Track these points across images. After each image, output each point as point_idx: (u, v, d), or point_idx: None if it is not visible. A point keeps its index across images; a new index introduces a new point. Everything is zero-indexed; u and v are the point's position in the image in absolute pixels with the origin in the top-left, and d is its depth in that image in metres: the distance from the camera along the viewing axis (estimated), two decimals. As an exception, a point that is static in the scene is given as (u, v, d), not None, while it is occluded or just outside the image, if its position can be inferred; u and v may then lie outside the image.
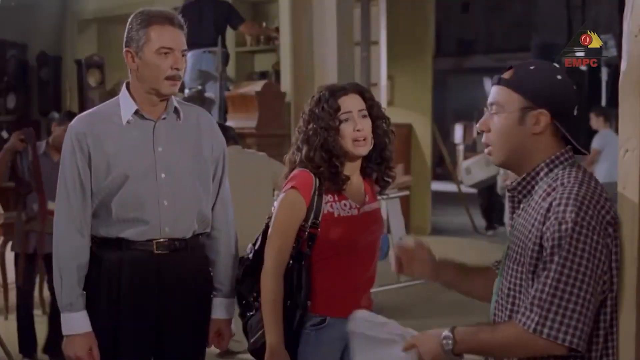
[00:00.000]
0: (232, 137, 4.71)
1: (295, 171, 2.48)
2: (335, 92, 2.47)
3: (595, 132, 8.39)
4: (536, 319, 1.71)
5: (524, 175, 1.86)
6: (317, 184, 2.45)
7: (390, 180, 2.60)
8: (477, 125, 1.94)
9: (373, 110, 2.51)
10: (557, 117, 1.84)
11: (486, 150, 1.94)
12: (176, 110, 2.56)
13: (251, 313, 2.56)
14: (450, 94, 19.26)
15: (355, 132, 2.44)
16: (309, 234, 2.43)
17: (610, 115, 8.12)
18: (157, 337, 2.54)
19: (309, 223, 2.43)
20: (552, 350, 1.72)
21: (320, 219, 2.43)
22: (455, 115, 17.25)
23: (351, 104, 2.46)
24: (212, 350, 2.74)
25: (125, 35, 2.49)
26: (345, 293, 2.48)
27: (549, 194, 1.77)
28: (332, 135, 2.43)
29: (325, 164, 2.44)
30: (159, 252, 2.50)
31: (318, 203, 2.43)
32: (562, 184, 1.77)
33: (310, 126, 2.46)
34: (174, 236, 2.52)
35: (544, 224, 1.75)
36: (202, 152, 2.58)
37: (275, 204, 2.50)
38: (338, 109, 2.44)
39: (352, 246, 2.48)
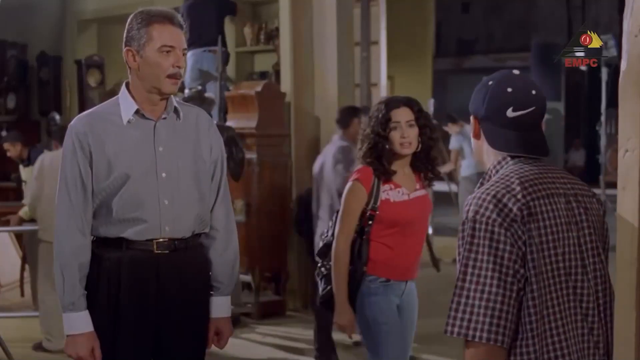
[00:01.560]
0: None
1: (360, 166, 3.17)
2: (389, 105, 3.13)
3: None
4: (450, 321, 1.70)
5: (481, 179, 1.90)
6: (376, 176, 3.10)
7: (434, 175, 3.24)
8: None
9: (420, 120, 3.13)
10: (480, 120, 1.89)
11: None
12: (176, 110, 2.56)
13: (326, 272, 3.20)
14: (450, 94, 19.27)
15: (402, 139, 3.08)
16: (369, 215, 3.09)
17: (457, 119, 9.08)
18: (156, 337, 2.53)
19: (370, 207, 3.09)
20: (480, 351, 1.68)
21: (378, 203, 3.08)
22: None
23: (400, 115, 3.10)
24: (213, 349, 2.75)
25: (125, 35, 2.49)
26: (402, 260, 3.14)
27: None
28: (381, 141, 3.09)
29: (375, 161, 3.11)
30: (159, 251, 2.50)
31: (377, 191, 3.10)
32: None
33: (367, 130, 3.14)
34: (174, 236, 2.52)
35: None
36: (201, 152, 2.58)
37: (344, 193, 3.18)
38: (389, 119, 3.09)
39: (405, 223, 3.14)
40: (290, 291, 6.43)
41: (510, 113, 1.83)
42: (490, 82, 1.87)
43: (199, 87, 6.33)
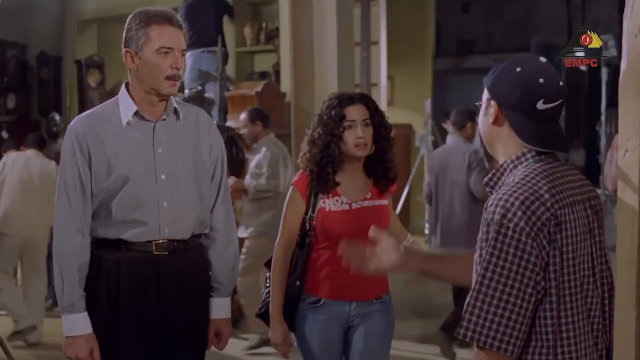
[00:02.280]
0: (34, 141, 5.80)
1: (299, 171, 2.85)
2: (342, 102, 2.78)
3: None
4: (464, 324, 1.68)
5: (494, 171, 1.85)
6: (312, 183, 2.79)
7: (388, 180, 2.86)
8: None
9: (375, 119, 2.80)
10: (505, 109, 1.80)
11: None
12: (176, 111, 2.56)
13: (268, 285, 2.91)
14: (450, 94, 19.26)
15: (357, 139, 2.74)
16: (309, 225, 2.78)
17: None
18: (156, 338, 2.53)
19: (308, 216, 2.79)
20: (490, 358, 1.66)
21: (316, 212, 2.77)
22: (455, 116, 17.17)
23: (356, 113, 2.77)
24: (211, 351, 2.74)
25: (124, 36, 2.48)
26: (341, 278, 2.73)
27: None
28: (335, 142, 2.75)
29: (318, 168, 2.77)
30: (158, 253, 2.49)
31: (314, 199, 2.79)
32: (507, 184, 1.76)
33: (318, 130, 2.78)
34: (173, 237, 2.51)
35: None
36: (201, 153, 2.58)
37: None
38: (343, 117, 2.75)
39: (341, 236, 2.62)
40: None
41: (540, 105, 1.76)
42: (519, 69, 1.79)
43: (199, 88, 6.34)
